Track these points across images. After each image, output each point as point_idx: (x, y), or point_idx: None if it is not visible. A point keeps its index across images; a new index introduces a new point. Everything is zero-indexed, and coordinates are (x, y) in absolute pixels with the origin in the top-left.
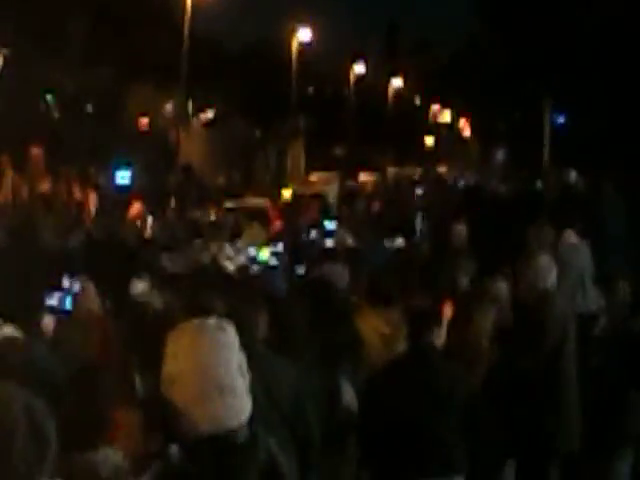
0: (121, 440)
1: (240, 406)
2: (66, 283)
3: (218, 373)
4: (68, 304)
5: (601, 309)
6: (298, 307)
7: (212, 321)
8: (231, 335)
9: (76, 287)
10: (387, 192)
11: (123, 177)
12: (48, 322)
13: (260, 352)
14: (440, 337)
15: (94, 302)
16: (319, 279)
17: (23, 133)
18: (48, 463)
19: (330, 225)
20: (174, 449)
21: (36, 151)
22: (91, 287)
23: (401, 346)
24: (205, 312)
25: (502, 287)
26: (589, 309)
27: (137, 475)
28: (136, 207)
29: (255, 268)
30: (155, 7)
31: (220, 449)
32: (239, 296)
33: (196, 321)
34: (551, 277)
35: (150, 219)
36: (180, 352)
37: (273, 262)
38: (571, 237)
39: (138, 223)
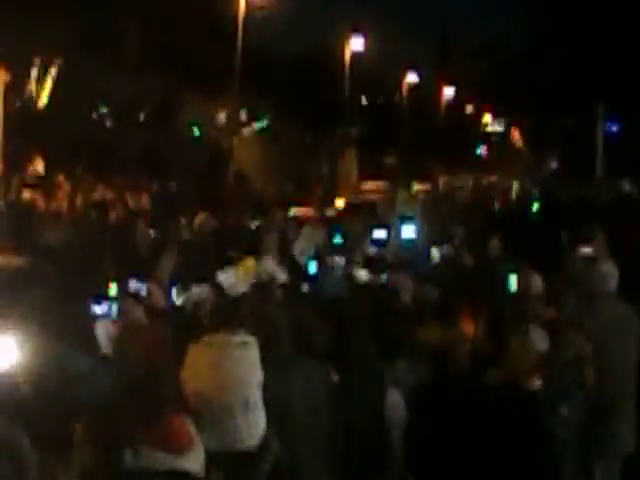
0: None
1: (261, 421)
2: (133, 285)
3: (243, 389)
4: (114, 312)
5: None
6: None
7: (236, 337)
8: (254, 351)
9: (142, 290)
10: (436, 201)
11: None
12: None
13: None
14: None
15: (161, 303)
16: (385, 287)
17: (77, 142)
18: None
19: (380, 234)
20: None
21: (79, 170)
22: (158, 290)
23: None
24: (232, 326)
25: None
26: None
27: None
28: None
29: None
30: (207, 16)
31: (236, 460)
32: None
33: (220, 337)
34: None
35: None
36: (204, 367)
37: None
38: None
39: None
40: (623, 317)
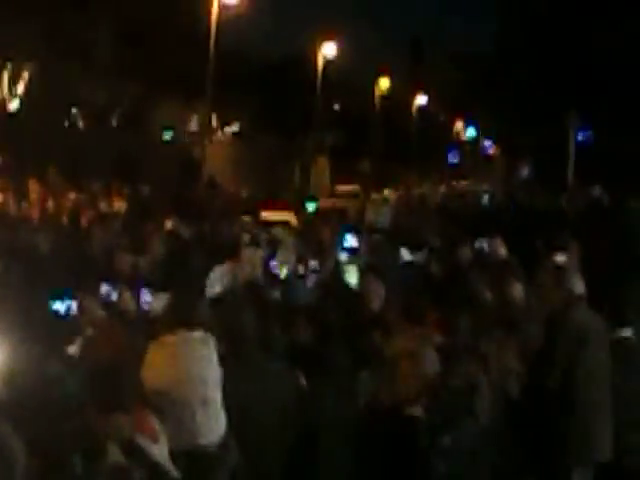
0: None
1: (220, 418)
2: (104, 290)
3: (202, 386)
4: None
5: None
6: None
7: (196, 334)
8: (211, 349)
9: (114, 294)
10: (409, 207)
11: None
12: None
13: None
14: None
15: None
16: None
17: (48, 146)
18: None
19: (350, 241)
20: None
21: (52, 170)
22: (127, 295)
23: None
24: (188, 324)
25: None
26: None
27: None
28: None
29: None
30: (182, 22)
31: (196, 460)
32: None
33: (180, 334)
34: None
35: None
36: (164, 364)
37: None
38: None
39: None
40: (593, 325)
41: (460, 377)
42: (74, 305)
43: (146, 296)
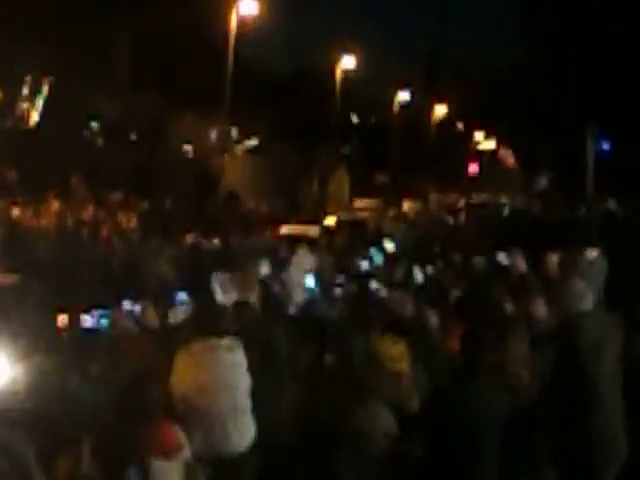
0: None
1: (250, 426)
2: (127, 305)
3: (232, 394)
4: (104, 324)
5: None
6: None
7: (223, 342)
8: (240, 356)
9: (137, 308)
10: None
11: None
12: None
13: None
14: None
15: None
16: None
17: (67, 160)
18: None
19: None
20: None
21: (75, 179)
22: (151, 309)
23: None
24: (216, 332)
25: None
26: None
27: None
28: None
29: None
30: (200, 34)
31: (224, 466)
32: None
33: (207, 341)
34: (586, 302)
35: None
36: (192, 372)
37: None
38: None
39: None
40: (604, 334)
41: None
42: (103, 319)
43: (181, 297)
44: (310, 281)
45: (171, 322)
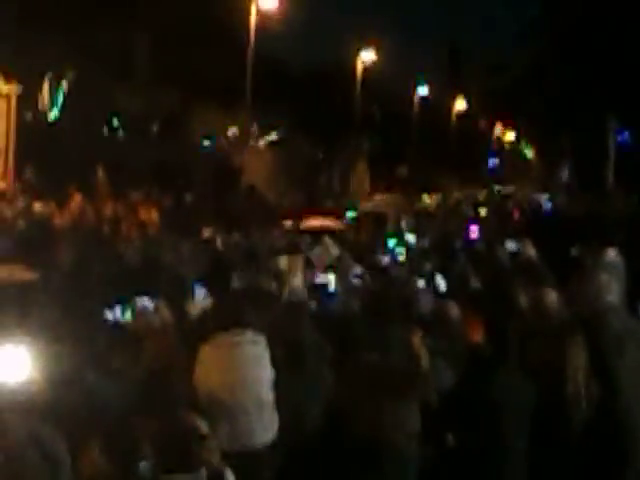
0: None
1: (274, 420)
2: (141, 301)
3: (256, 388)
4: (127, 316)
5: None
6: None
7: (246, 335)
8: (264, 349)
9: (150, 305)
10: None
11: None
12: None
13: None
14: None
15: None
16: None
17: (89, 155)
18: None
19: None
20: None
21: (100, 173)
22: (164, 307)
23: None
24: (239, 325)
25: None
26: None
27: None
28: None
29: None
30: (220, 28)
31: (248, 458)
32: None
33: (231, 336)
34: (613, 295)
35: (219, 240)
36: (218, 367)
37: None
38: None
39: None
40: (628, 329)
41: None
42: (127, 313)
43: (200, 290)
44: (331, 277)
45: (191, 316)
